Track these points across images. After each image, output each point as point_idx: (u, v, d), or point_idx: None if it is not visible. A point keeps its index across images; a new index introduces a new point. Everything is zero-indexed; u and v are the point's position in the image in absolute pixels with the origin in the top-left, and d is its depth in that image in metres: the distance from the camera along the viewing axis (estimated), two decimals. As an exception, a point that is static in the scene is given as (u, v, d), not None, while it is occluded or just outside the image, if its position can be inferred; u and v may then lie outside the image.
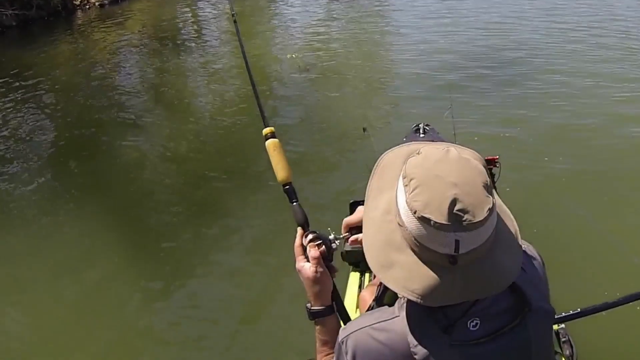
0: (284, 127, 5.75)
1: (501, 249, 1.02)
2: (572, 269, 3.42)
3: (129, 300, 3.62)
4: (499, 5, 10.73)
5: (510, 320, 1.07)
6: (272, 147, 1.55)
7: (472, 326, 1.05)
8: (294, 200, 1.49)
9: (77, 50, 9.79)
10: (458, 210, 0.93)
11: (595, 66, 6.99)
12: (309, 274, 1.33)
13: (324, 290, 1.35)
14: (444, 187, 0.94)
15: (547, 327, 1.16)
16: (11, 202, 4.92)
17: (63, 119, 6.72)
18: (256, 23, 11.08)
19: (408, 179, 0.98)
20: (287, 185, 1.51)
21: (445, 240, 0.94)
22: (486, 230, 0.96)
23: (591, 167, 4.65)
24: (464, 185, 0.94)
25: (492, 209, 0.95)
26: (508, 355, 1.07)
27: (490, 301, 1.07)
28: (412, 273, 0.99)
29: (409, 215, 0.97)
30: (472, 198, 0.94)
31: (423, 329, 1.06)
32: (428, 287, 0.98)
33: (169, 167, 5.42)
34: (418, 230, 0.97)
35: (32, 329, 3.46)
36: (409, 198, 0.96)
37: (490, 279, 1.00)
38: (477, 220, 0.93)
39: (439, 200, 0.93)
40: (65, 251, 4.12)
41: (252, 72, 1.93)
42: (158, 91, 7.48)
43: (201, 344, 3.24)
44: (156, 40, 9.82)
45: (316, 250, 1.35)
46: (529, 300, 1.08)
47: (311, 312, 1.36)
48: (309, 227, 1.43)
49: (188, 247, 4.10)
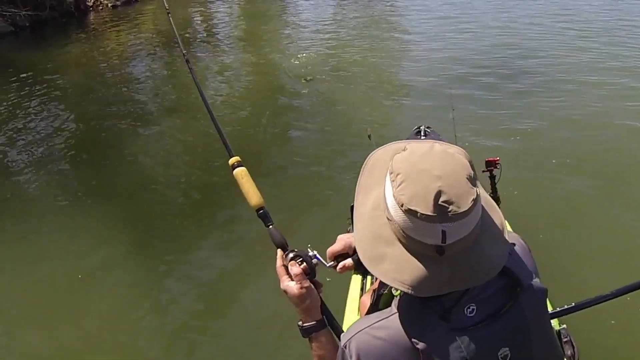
0: (288, 134, 5.85)
1: (487, 240, 1.06)
2: (573, 269, 3.45)
3: (127, 289, 3.72)
4: (510, 11, 10.70)
5: (505, 302, 1.11)
6: (240, 176, 1.59)
7: (469, 312, 1.09)
8: (270, 224, 1.51)
9: (89, 52, 9.87)
10: (443, 202, 0.96)
11: (607, 75, 6.94)
12: (295, 291, 1.34)
13: (313, 305, 1.36)
14: (429, 180, 0.98)
15: (541, 305, 1.18)
16: (21, 197, 5.01)
17: (74, 120, 6.77)
18: (262, 24, 11.13)
19: (395, 174, 1.02)
20: (260, 209, 1.53)
21: (432, 232, 0.98)
22: (471, 221, 1.00)
23: (599, 175, 4.64)
24: (448, 178, 0.98)
25: (476, 200, 0.99)
26: (507, 336, 1.09)
27: (481, 286, 1.09)
28: (401, 265, 1.03)
29: (397, 208, 1.01)
30: (456, 190, 0.97)
31: (421, 320, 1.08)
32: (417, 278, 1.01)
33: (177, 169, 5.44)
34: (405, 223, 1.00)
35: (31, 311, 3.55)
36: (395, 192, 1.00)
37: (477, 269, 1.04)
38: (461, 211, 0.97)
39: (424, 193, 0.97)
40: (70, 244, 4.19)
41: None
42: (170, 94, 7.54)
43: (197, 341, 3.27)
44: (168, 42, 9.87)
45: (298, 267, 1.37)
46: (519, 279, 1.11)
47: (303, 328, 1.37)
48: (289, 247, 1.45)
49: (188, 244, 4.15)
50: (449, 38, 9.05)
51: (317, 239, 1.52)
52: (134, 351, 3.23)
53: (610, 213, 4.10)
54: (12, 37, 10.79)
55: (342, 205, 3.86)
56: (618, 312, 3.04)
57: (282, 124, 6.26)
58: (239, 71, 8.22)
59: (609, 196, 4.31)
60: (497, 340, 1.09)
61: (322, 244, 1.57)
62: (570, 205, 4.24)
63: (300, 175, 5.03)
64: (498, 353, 1.09)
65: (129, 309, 3.54)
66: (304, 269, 1.38)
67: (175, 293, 3.69)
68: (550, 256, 3.37)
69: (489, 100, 6.35)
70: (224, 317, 3.46)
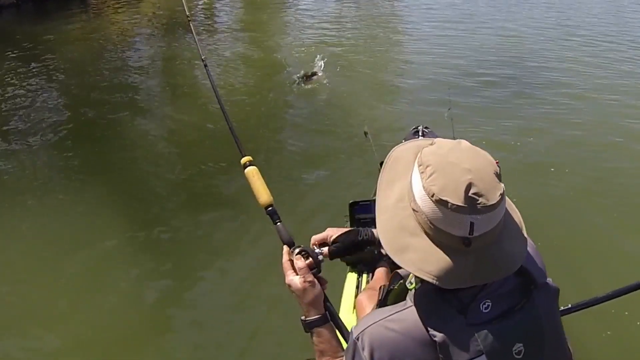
0: (285, 131, 5.87)
1: (508, 236, 1.09)
2: (575, 271, 3.52)
3: (126, 277, 3.72)
4: (514, 16, 10.74)
5: (519, 299, 1.13)
6: (251, 175, 1.63)
7: (485, 308, 1.11)
8: (278, 221, 1.55)
9: (90, 29, 9.81)
10: (473, 194, 1.00)
11: (608, 80, 7.03)
12: (298, 284, 1.37)
13: (316, 299, 1.38)
14: (459, 173, 1.01)
15: (553, 303, 1.21)
16: (15, 177, 4.97)
17: (72, 97, 6.75)
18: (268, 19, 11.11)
19: (424, 166, 1.05)
20: (269, 207, 1.57)
21: (460, 222, 1.01)
22: (497, 215, 1.04)
23: (598, 179, 4.71)
24: (477, 172, 1.02)
25: (503, 195, 1.04)
26: (521, 332, 1.12)
27: (498, 283, 1.12)
28: (427, 255, 1.05)
29: (426, 199, 1.03)
30: (485, 183, 1.01)
31: (439, 313, 1.09)
32: (443, 269, 1.04)
33: (172, 151, 5.46)
34: (434, 214, 1.03)
35: (32, 301, 3.53)
36: (425, 183, 1.03)
37: (499, 263, 1.07)
38: (490, 204, 1.00)
39: (455, 184, 1.00)
40: (66, 227, 4.18)
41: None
42: (167, 76, 7.52)
43: (196, 335, 3.28)
44: (168, 23, 9.83)
45: (303, 261, 1.41)
46: (534, 277, 1.15)
47: (306, 322, 1.38)
48: (295, 244, 1.49)
49: (187, 233, 4.15)
50: (450, 40, 9.08)
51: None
52: (134, 344, 3.23)
53: (608, 218, 4.17)
54: (13, 10, 10.72)
55: (342, 203, 3.94)
56: (612, 315, 3.11)
57: (280, 121, 6.25)
58: (237, 66, 8.13)
59: (608, 202, 4.36)
60: (512, 336, 1.10)
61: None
62: (567, 210, 4.31)
63: (299, 172, 5.02)
64: (513, 348, 1.10)
65: (129, 300, 3.53)
66: (309, 264, 1.41)
67: (177, 285, 3.67)
68: (549, 259, 3.43)
69: (489, 103, 6.39)
70: (227, 311, 3.45)
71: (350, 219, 2.53)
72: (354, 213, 2.49)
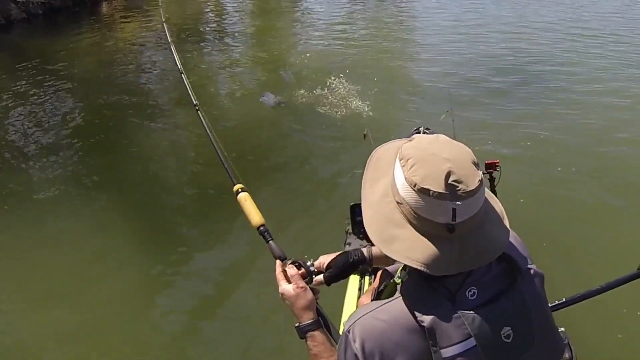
0: (284, 136, 5.89)
1: (491, 223, 1.14)
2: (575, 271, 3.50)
3: (130, 280, 3.76)
4: (521, 17, 10.71)
5: (505, 285, 1.16)
6: (243, 200, 1.78)
7: (471, 295, 1.13)
8: (270, 239, 1.66)
9: (100, 41, 9.93)
10: (453, 181, 1.04)
11: (615, 83, 6.95)
12: (290, 291, 1.43)
13: (308, 305, 1.43)
14: (439, 162, 1.06)
15: (540, 289, 1.23)
16: (29, 186, 5.02)
17: (83, 109, 6.80)
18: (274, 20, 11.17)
19: (405, 159, 1.09)
20: (260, 227, 1.69)
21: (443, 209, 1.05)
22: (478, 201, 1.08)
23: (605, 183, 4.65)
24: (456, 160, 1.07)
25: (482, 181, 1.08)
26: (509, 316, 1.13)
27: (483, 271, 1.15)
28: (413, 244, 1.09)
29: (409, 190, 1.08)
30: (463, 171, 1.06)
31: (426, 301, 1.12)
32: (430, 256, 1.08)
33: (183, 163, 5.47)
34: (417, 203, 1.07)
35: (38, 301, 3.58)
36: (407, 174, 1.08)
37: (483, 249, 1.11)
38: (470, 189, 1.05)
39: (435, 173, 1.05)
40: (79, 236, 4.22)
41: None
42: (178, 87, 7.54)
43: (197, 338, 3.30)
44: (179, 34, 9.90)
45: (295, 269, 1.49)
46: (517, 263, 1.18)
47: (299, 328, 1.42)
48: (287, 257, 1.57)
49: (195, 243, 4.18)
50: (454, 41, 9.06)
51: (314, 248, 1.59)
52: (136, 342, 3.27)
53: (614, 219, 4.14)
54: (25, 24, 10.88)
55: (336, 214, 3.93)
56: (617, 315, 3.11)
57: (277, 126, 6.22)
58: (233, 69, 8.20)
59: (613, 203, 4.34)
60: (499, 320, 1.12)
61: (319, 252, 1.65)
62: (573, 210, 4.28)
63: (295, 180, 5.01)
64: (501, 332, 1.12)
65: (131, 301, 3.58)
66: (301, 274, 1.49)
67: (177, 288, 3.72)
68: (551, 259, 3.40)
69: (491, 105, 6.37)
70: (224, 317, 3.48)
71: (352, 221, 2.54)
72: (355, 215, 2.52)
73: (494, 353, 1.12)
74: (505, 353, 1.13)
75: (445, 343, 1.09)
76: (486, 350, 1.10)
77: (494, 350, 1.11)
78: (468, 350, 1.10)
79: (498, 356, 1.12)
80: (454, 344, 1.09)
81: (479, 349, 1.10)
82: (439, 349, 1.10)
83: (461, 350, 1.10)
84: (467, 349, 1.10)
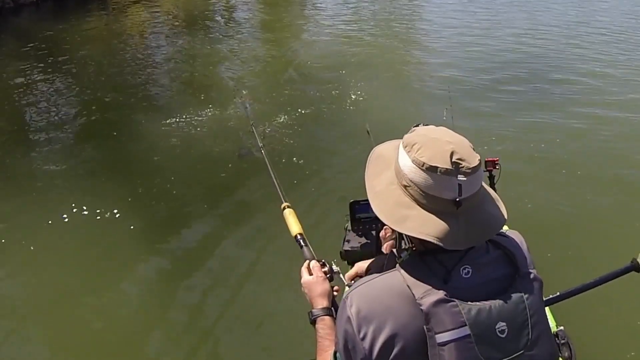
0: (289, 130, 5.82)
1: (488, 202, 1.25)
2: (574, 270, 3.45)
3: (140, 277, 3.75)
4: (529, 17, 10.69)
5: (499, 274, 1.22)
6: (287, 214, 2.08)
7: (465, 273, 1.20)
8: (304, 245, 1.89)
9: (109, 28, 9.94)
10: (457, 159, 1.15)
11: (622, 86, 6.92)
12: (309, 279, 1.61)
13: (324, 294, 1.57)
14: (442, 144, 1.17)
15: (537, 293, 1.25)
16: (34, 173, 5.02)
17: (90, 95, 6.82)
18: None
19: (410, 145, 1.19)
20: (297, 235, 1.95)
21: (450, 185, 1.15)
22: (479, 178, 1.19)
23: (610, 187, 4.62)
24: (457, 143, 1.18)
25: (481, 161, 1.19)
26: (505, 312, 1.17)
27: (477, 253, 1.22)
28: (424, 221, 1.18)
29: (416, 170, 1.17)
30: (465, 150, 1.17)
31: (422, 274, 1.19)
32: (442, 231, 1.16)
33: (189, 151, 5.41)
34: (426, 182, 1.16)
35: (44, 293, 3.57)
36: (415, 156, 1.17)
37: (486, 225, 1.21)
38: (472, 166, 1.15)
39: (440, 153, 1.16)
40: (83, 226, 4.19)
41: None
42: (186, 76, 7.55)
43: (200, 334, 3.28)
44: (188, 23, 9.90)
45: (318, 265, 1.67)
46: (517, 263, 1.24)
47: (312, 312, 1.53)
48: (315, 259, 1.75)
49: (202, 233, 4.17)
50: (458, 41, 9.07)
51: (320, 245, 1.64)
52: (144, 343, 3.23)
53: (608, 214, 4.17)
54: (33, 8, 10.89)
55: (344, 202, 3.87)
56: (616, 314, 3.12)
57: (283, 119, 6.11)
58: (234, 63, 8.21)
59: (618, 206, 4.30)
60: (494, 314, 1.16)
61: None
62: (568, 206, 4.30)
63: (299, 170, 4.98)
64: (496, 326, 1.16)
65: (142, 299, 3.55)
66: (324, 271, 1.65)
67: (188, 283, 3.67)
68: (545, 254, 3.45)
69: (491, 104, 6.37)
70: (236, 318, 3.42)
71: (351, 218, 2.53)
72: (354, 212, 2.51)
73: (487, 345, 1.15)
74: (498, 348, 1.16)
75: (441, 328, 1.13)
76: (479, 340, 1.14)
77: (487, 342, 1.15)
78: (461, 339, 1.13)
79: (491, 349, 1.15)
80: (448, 329, 1.13)
81: (472, 339, 1.13)
82: (434, 334, 1.14)
83: (455, 337, 1.13)
84: (460, 336, 1.13)
